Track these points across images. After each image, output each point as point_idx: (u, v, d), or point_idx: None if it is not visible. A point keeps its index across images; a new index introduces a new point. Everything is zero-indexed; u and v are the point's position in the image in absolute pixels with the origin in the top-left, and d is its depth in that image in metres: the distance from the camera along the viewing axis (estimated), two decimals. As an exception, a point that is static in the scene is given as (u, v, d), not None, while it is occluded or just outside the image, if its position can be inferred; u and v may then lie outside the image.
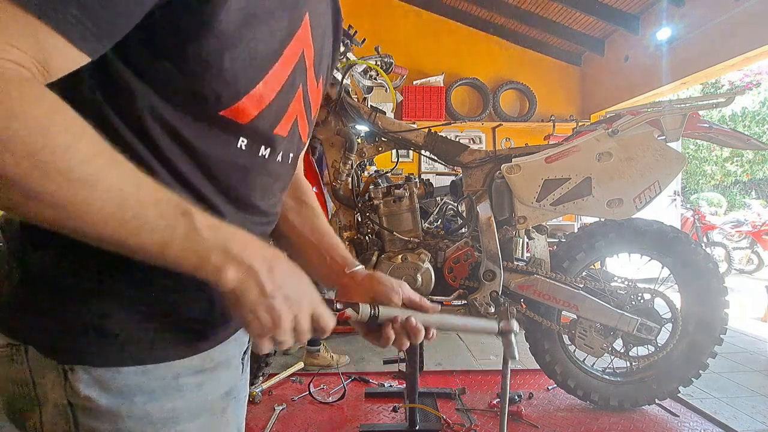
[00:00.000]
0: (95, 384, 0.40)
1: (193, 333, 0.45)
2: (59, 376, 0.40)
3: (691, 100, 1.52)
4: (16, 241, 0.42)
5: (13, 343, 0.41)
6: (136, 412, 0.41)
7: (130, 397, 0.41)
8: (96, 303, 0.40)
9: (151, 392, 0.42)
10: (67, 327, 0.40)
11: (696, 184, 13.17)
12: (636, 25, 5.25)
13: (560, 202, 1.49)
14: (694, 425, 1.63)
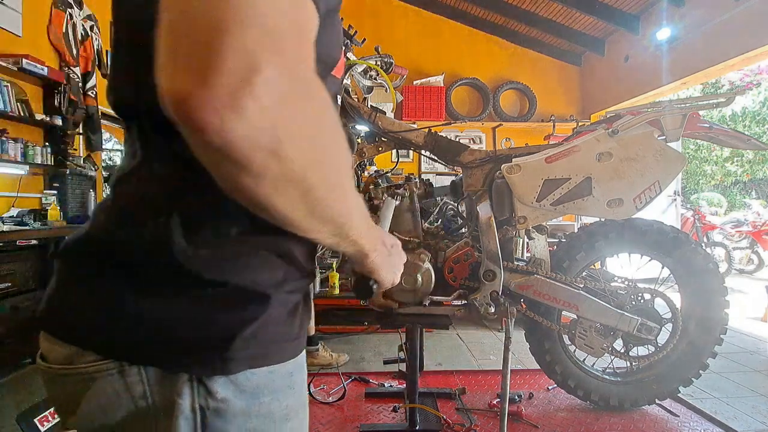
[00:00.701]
0: (231, 386, 0.42)
1: (302, 330, 0.50)
2: (190, 384, 0.41)
3: (691, 100, 1.52)
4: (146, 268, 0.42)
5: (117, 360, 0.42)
6: (262, 410, 0.44)
7: (259, 397, 0.44)
8: (241, 313, 0.42)
9: (274, 391, 0.45)
10: (215, 340, 0.42)
11: (696, 184, 13.17)
12: (636, 25, 5.25)
13: (560, 202, 1.49)
14: (694, 425, 1.63)
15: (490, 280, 1.49)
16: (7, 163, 3.34)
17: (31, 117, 3.56)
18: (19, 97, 3.50)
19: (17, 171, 3.53)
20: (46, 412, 1.55)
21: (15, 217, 3.31)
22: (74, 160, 4.01)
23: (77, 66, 4.24)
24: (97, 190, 4.48)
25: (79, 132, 4.20)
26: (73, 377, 0.43)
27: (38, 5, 3.83)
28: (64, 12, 4.07)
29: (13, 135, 3.41)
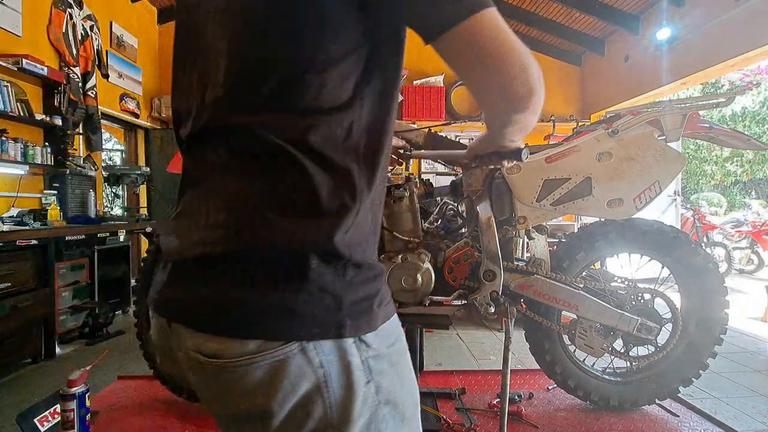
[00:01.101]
0: (377, 337, 0.56)
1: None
2: (355, 344, 0.54)
3: (691, 100, 1.52)
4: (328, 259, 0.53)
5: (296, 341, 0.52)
6: (394, 348, 0.59)
7: (391, 339, 0.58)
8: (374, 284, 0.58)
9: (395, 334, 0.60)
10: (365, 307, 0.55)
11: (696, 184, 13.17)
12: (636, 25, 5.25)
13: (560, 202, 1.49)
14: (694, 425, 1.63)
15: (490, 280, 1.49)
16: (7, 163, 3.34)
17: (31, 117, 3.57)
18: (19, 97, 3.50)
19: (17, 171, 3.53)
20: (46, 412, 1.55)
21: (15, 217, 3.31)
22: (74, 160, 4.01)
23: (77, 66, 4.24)
24: (97, 190, 4.48)
25: (79, 132, 4.20)
26: (263, 365, 0.51)
27: (38, 5, 3.83)
28: (64, 12, 4.07)
29: (13, 135, 3.41)
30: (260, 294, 0.51)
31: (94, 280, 3.87)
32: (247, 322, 0.51)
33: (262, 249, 0.52)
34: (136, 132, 5.68)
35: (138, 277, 1.87)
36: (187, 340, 0.55)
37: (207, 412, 1.75)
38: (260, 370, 0.51)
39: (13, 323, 2.84)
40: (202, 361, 0.53)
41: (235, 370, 0.51)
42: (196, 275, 0.54)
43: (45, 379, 2.82)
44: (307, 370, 0.52)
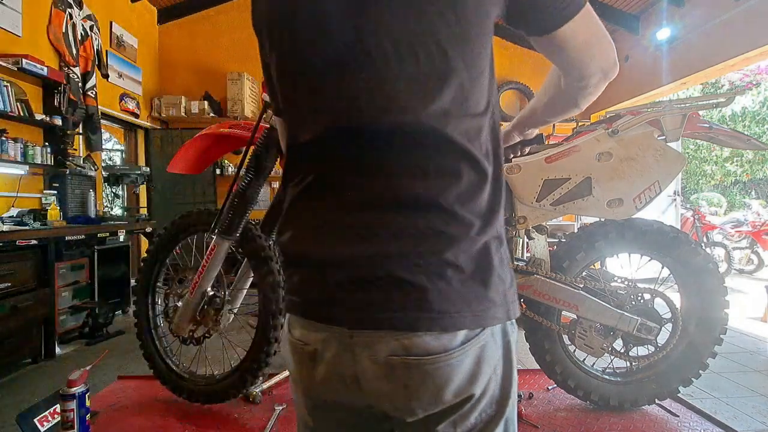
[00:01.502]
0: (511, 325, 0.61)
1: None
2: (511, 325, 0.61)
3: (691, 100, 1.52)
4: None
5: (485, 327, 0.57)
6: (515, 335, 0.62)
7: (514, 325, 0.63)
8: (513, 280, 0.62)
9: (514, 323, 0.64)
10: (514, 290, 0.61)
11: (696, 184, 13.17)
12: (636, 25, 5.25)
13: (560, 202, 1.49)
14: (694, 425, 1.63)
15: (490, 280, 1.49)
16: (7, 163, 3.34)
17: (30, 117, 3.56)
18: (19, 97, 3.50)
19: (17, 171, 3.53)
20: (46, 412, 1.55)
21: (15, 217, 3.31)
22: (74, 160, 4.01)
23: (77, 66, 4.24)
24: (97, 190, 4.48)
25: (78, 132, 4.20)
26: (470, 354, 0.56)
27: (38, 5, 3.83)
28: (63, 12, 4.07)
29: (13, 135, 3.41)
30: (464, 286, 0.55)
31: (94, 280, 3.87)
32: (455, 314, 0.55)
33: (459, 244, 0.55)
34: (136, 132, 5.68)
35: (138, 277, 1.87)
36: (383, 345, 0.55)
37: (207, 412, 1.73)
38: (468, 358, 0.56)
39: (13, 323, 2.84)
40: (410, 362, 0.55)
41: (449, 363, 0.55)
42: (397, 277, 0.54)
43: (45, 379, 2.82)
44: (496, 352, 0.58)
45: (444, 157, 0.56)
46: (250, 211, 1.54)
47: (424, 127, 0.55)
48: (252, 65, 5.93)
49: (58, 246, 3.38)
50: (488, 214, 0.58)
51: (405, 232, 0.55)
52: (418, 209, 0.55)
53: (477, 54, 0.56)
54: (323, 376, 0.60)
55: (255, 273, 1.61)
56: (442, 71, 0.55)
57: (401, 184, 0.55)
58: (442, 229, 0.55)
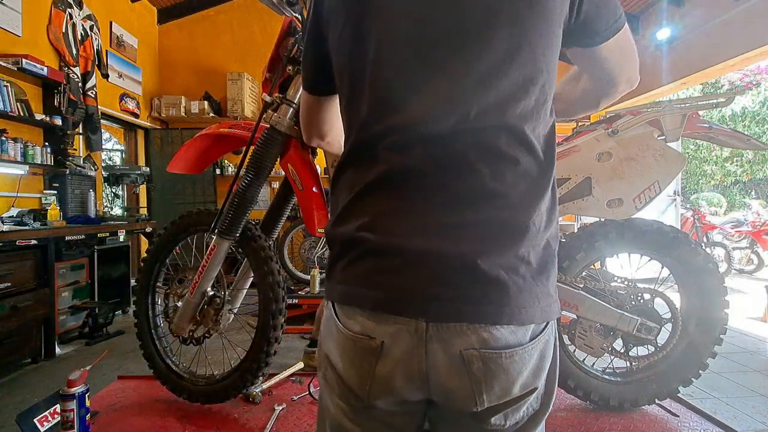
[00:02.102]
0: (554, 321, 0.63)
1: None
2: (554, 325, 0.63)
3: (691, 100, 1.52)
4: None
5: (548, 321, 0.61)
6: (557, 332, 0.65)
7: None
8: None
9: None
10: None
11: (696, 184, 13.16)
12: (636, 25, 5.25)
13: (560, 202, 1.49)
14: (694, 425, 1.63)
15: (490, 280, 1.49)
16: (7, 163, 3.34)
17: (30, 117, 3.57)
18: (19, 97, 3.50)
19: (17, 171, 3.53)
20: (46, 412, 1.55)
21: (15, 217, 3.31)
22: (74, 160, 4.01)
23: (77, 66, 4.24)
24: (97, 190, 4.48)
25: (78, 132, 4.20)
26: (538, 347, 0.59)
27: (38, 5, 3.83)
28: (63, 12, 4.08)
29: (13, 135, 3.41)
30: (534, 281, 0.58)
31: (94, 280, 3.87)
32: (529, 309, 0.57)
33: (529, 240, 0.58)
34: (136, 132, 5.68)
35: (138, 277, 1.87)
36: (460, 338, 0.56)
37: (207, 412, 1.72)
38: (536, 352, 0.58)
39: (13, 323, 2.84)
40: (487, 355, 0.56)
41: (523, 356, 0.57)
42: (476, 272, 0.55)
43: (45, 379, 2.82)
44: (553, 346, 0.62)
45: (520, 157, 0.58)
46: (250, 211, 1.54)
47: (508, 127, 0.57)
48: (252, 65, 5.93)
49: (58, 246, 3.38)
50: (550, 212, 0.61)
51: (483, 228, 0.56)
52: (495, 207, 0.57)
53: (555, 57, 0.61)
54: (388, 371, 0.58)
55: (255, 273, 1.61)
56: (532, 73, 0.58)
57: (482, 182, 0.57)
58: (516, 226, 0.57)
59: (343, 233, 0.61)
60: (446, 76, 0.57)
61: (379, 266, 0.58)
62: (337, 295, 0.62)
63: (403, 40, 0.59)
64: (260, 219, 1.66)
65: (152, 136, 5.68)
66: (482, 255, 0.55)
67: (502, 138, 0.57)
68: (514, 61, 0.57)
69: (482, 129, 0.57)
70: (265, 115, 1.41)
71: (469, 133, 0.57)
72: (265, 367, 1.63)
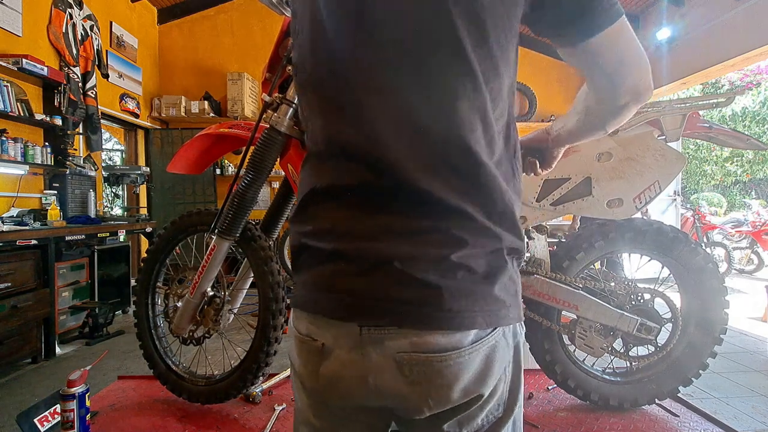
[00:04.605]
0: (520, 327, 0.63)
1: None
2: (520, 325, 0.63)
3: (691, 100, 1.52)
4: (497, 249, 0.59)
5: (496, 328, 0.59)
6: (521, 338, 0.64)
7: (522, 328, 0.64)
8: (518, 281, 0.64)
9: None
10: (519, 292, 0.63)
11: (696, 184, 13.16)
12: (636, 25, 5.25)
13: (560, 202, 1.49)
14: (694, 425, 1.63)
15: (490, 280, 1.49)
16: (7, 163, 3.34)
17: (31, 117, 3.57)
18: (19, 97, 3.50)
19: (17, 171, 3.53)
20: (46, 412, 1.55)
21: (15, 217, 3.31)
22: (74, 160, 4.01)
23: (77, 66, 4.24)
24: (97, 190, 4.48)
25: (79, 132, 4.20)
26: (482, 352, 0.57)
27: (38, 5, 3.83)
28: (64, 12, 4.08)
29: (13, 135, 3.41)
30: (475, 286, 0.57)
31: (94, 280, 3.88)
32: (466, 313, 0.56)
33: (471, 246, 0.56)
34: (136, 132, 5.68)
35: (138, 277, 1.87)
36: (393, 341, 0.56)
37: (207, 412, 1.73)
38: (479, 358, 0.57)
39: (13, 323, 2.84)
40: (419, 359, 0.55)
41: (458, 361, 0.56)
42: (409, 276, 0.55)
43: (45, 379, 2.82)
44: (507, 354, 0.60)
45: (461, 163, 0.56)
46: (250, 211, 1.54)
47: (448, 133, 0.56)
48: (252, 65, 5.93)
49: (58, 246, 3.38)
50: (502, 218, 0.58)
51: (419, 233, 0.56)
52: (433, 212, 0.56)
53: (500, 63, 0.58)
54: (331, 372, 0.60)
55: (255, 273, 1.61)
56: (473, 83, 0.58)
57: (418, 187, 0.56)
58: (455, 232, 0.56)
59: (293, 237, 0.65)
60: (388, 93, 0.57)
61: (319, 272, 0.60)
62: (292, 299, 0.66)
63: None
64: (260, 219, 1.66)
65: (152, 136, 5.68)
66: (414, 261, 0.55)
67: (437, 145, 0.56)
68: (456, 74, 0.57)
69: (414, 134, 0.57)
70: (265, 115, 1.40)
71: (403, 140, 0.57)
72: (265, 367, 1.63)
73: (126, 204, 5.52)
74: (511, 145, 0.62)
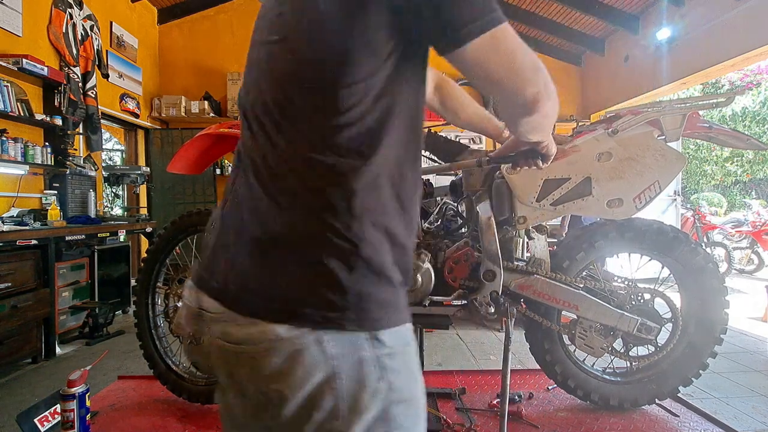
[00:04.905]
0: (391, 337, 0.59)
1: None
2: (369, 339, 0.57)
3: (691, 100, 1.52)
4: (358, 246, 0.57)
5: (312, 330, 0.56)
6: (406, 351, 0.61)
7: (407, 341, 0.61)
8: (401, 292, 0.62)
9: (410, 339, 0.62)
10: (385, 306, 0.59)
11: (696, 184, 13.16)
12: (636, 25, 5.25)
13: (560, 202, 1.49)
14: (694, 425, 1.63)
15: (490, 280, 1.49)
16: (7, 163, 3.34)
17: (31, 117, 3.57)
18: (19, 97, 3.50)
19: (17, 171, 3.53)
20: (46, 412, 1.55)
21: (15, 217, 3.31)
22: (74, 160, 4.01)
23: (77, 66, 4.24)
24: (97, 190, 4.48)
25: (79, 132, 4.20)
26: (284, 351, 0.55)
27: (38, 5, 3.83)
28: (64, 12, 4.08)
29: (13, 135, 3.41)
30: (289, 279, 0.57)
31: (94, 280, 3.87)
32: (275, 305, 0.57)
33: (284, 242, 0.58)
34: (136, 132, 5.68)
35: (138, 277, 1.87)
36: (212, 324, 0.61)
37: (207, 412, 1.73)
38: (281, 355, 0.55)
39: (14, 323, 2.84)
40: (223, 346, 0.59)
41: (258, 353, 0.56)
42: (228, 265, 0.61)
43: (45, 379, 2.82)
44: (320, 360, 0.55)
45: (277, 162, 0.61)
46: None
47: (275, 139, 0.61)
48: (252, 65, 5.92)
49: (58, 246, 3.38)
50: (332, 215, 0.57)
51: (238, 226, 0.62)
52: (250, 209, 0.61)
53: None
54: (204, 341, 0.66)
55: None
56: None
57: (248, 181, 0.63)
58: (251, 229, 0.60)
59: None
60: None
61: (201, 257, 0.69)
62: None
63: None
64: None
65: (152, 136, 5.68)
66: (230, 251, 0.61)
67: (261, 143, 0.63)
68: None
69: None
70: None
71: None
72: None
73: (126, 204, 5.52)
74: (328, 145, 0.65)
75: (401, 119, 0.60)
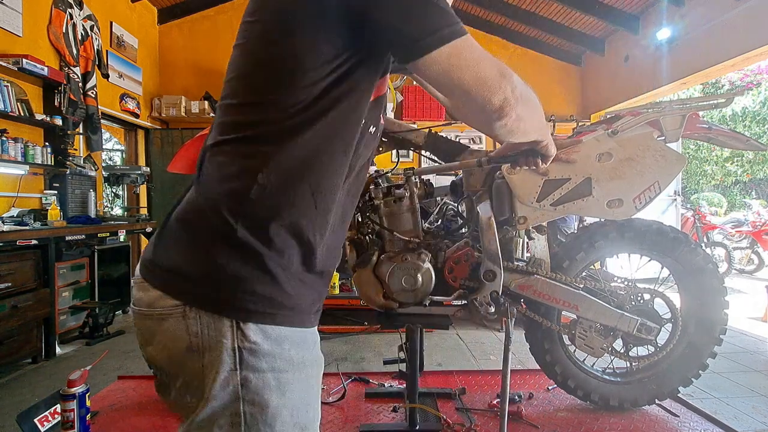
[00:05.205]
0: (261, 333, 0.58)
1: (315, 315, 0.67)
2: (232, 328, 0.57)
3: (691, 100, 1.52)
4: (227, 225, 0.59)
5: (183, 304, 0.58)
6: (284, 355, 0.59)
7: (282, 345, 0.60)
8: (298, 293, 0.61)
9: (293, 344, 0.61)
10: (262, 300, 0.58)
11: (696, 184, 13.16)
12: (636, 25, 5.25)
13: (560, 202, 1.49)
14: (694, 425, 1.63)
15: (491, 280, 1.49)
16: (7, 163, 3.34)
17: (31, 117, 3.57)
18: (19, 97, 3.50)
19: (17, 171, 3.53)
20: (46, 412, 1.55)
21: (15, 217, 3.31)
22: (74, 160, 4.01)
23: (77, 66, 4.24)
24: (97, 189, 4.48)
25: (79, 132, 4.20)
26: (153, 317, 0.60)
27: (38, 5, 3.83)
28: (64, 12, 4.08)
29: (13, 135, 3.41)
30: (181, 253, 0.61)
31: (94, 280, 3.88)
32: (157, 276, 0.61)
33: (196, 214, 0.64)
34: (136, 132, 5.68)
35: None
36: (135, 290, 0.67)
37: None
38: (153, 321, 0.60)
39: (14, 323, 2.84)
40: (134, 310, 0.65)
41: (140, 316, 0.62)
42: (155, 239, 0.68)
43: (45, 379, 2.82)
44: (182, 333, 0.58)
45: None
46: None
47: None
48: (252, 65, 5.92)
49: (58, 246, 3.38)
50: (232, 199, 0.60)
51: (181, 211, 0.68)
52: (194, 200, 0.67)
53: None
54: None
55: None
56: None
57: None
58: (185, 207, 0.67)
59: None
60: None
61: None
62: None
63: None
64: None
65: (152, 136, 5.68)
66: (168, 225, 0.68)
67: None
68: None
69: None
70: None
71: None
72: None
73: (126, 204, 5.52)
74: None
75: (334, 124, 0.61)
